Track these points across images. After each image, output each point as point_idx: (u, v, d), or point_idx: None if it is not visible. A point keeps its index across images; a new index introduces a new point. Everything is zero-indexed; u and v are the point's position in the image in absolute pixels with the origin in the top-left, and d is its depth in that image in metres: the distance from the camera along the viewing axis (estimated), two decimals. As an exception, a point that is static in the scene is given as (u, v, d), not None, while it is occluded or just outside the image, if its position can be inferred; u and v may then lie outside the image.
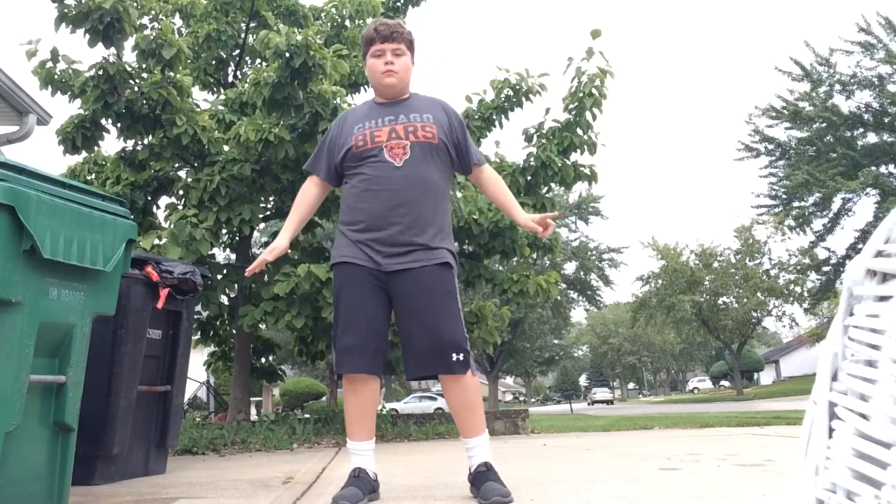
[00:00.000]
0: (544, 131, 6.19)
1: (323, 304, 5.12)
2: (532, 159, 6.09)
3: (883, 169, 22.68)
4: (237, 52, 6.81)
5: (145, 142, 5.66)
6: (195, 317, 5.89)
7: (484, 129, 6.31)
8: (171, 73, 5.17)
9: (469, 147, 2.41)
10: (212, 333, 6.92)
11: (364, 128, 2.29)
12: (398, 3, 7.34)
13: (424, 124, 2.28)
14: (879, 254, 0.94)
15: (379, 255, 2.19)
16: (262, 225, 8.59)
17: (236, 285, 5.92)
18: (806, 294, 28.39)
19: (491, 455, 2.21)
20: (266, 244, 8.14)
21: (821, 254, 25.70)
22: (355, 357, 2.16)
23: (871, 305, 0.94)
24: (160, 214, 6.32)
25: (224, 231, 6.19)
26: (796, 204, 24.02)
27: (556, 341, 40.08)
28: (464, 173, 2.45)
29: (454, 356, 2.15)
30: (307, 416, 6.79)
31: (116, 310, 2.36)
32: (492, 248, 5.90)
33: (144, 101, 5.12)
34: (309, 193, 2.45)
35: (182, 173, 6.28)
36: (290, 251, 7.06)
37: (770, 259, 31.18)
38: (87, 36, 4.75)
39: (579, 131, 6.06)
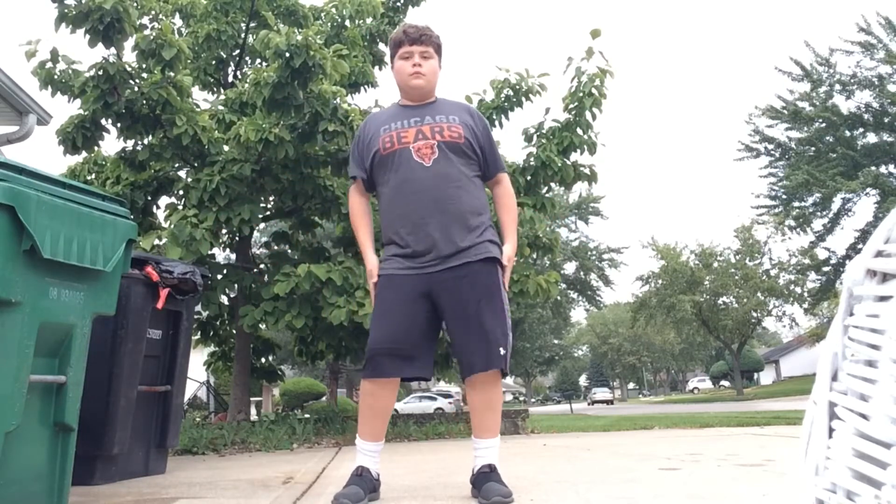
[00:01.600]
0: (544, 131, 6.19)
1: (323, 304, 5.12)
2: (532, 159, 6.09)
3: (883, 169, 22.69)
4: (237, 52, 6.82)
5: (145, 142, 5.66)
6: (195, 317, 5.90)
7: (484, 128, 6.29)
8: (171, 74, 5.17)
9: (494, 153, 2.40)
10: (212, 333, 6.92)
11: (390, 129, 2.28)
12: (398, 3, 7.34)
13: (451, 125, 2.28)
14: (879, 254, 0.94)
15: (419, 258, 2.18)
16: (261, 225, 8.60)
17: (236, 285, 5.92)
18: (806, 294, 28.40)
19: (498, 458, 2.21)
20: (266, 244, 8.15)
21: (821, 254, 25.72)
22: (382, 361, 2.15)
23: (871, 305, 0.94)
24: (160, 214, 6.33)
25: (224, 231, 6.19)
26: (796, 204, 24.04)
27: (556, 341, 40.14)
28: (485, 179, 2.43)
29: (501, 350, 2.15)
30: (307, 416, 6.79)
31: (116, 310, 2.36)
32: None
33: (144, 101, 5.12)
34: (361, 204, 2.43)
35: (182, 173, 6.28)
36: (290, 251, 7.08)
37: (770, 259, 31.21)
38: (87, 36, 4.75)
39: (579, 131, 6.06)
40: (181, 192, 5.63)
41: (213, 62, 6.85)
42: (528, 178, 6.11)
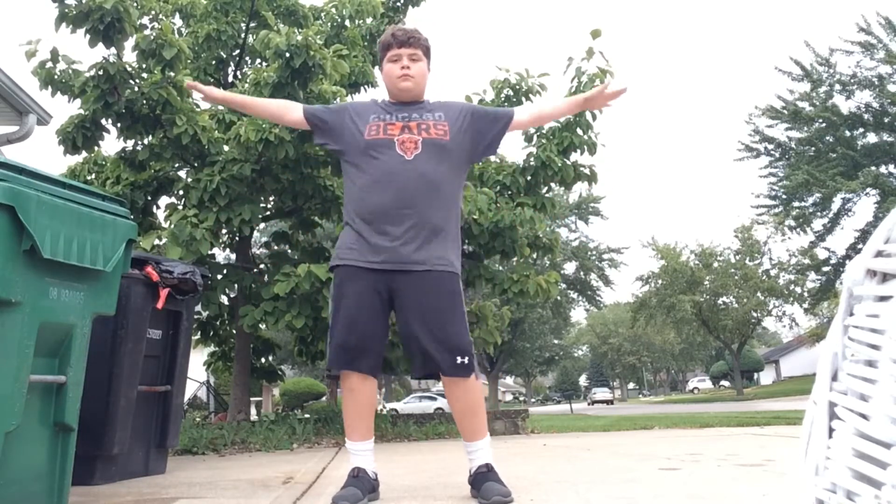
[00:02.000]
0: (544, 131, 6.19)
1: (323, 304, 5.12)
2: (532, 159, 6.10)
3: (883, 169, 22.68)
4: (237, 52, 6.81)
5: (145, 142, 5.66)
6: (195, 317, 5.89)
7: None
8: (172, 73, 5.16)
9: (497, 119, 2.40)
10: (212, 333, 6.92)
11: (379, 119, 2.30)
12: (398, 3, 7.34)
13: (437, 122, 2.29)
14: (879, 254, 0.94)
15: (383, 253, 2.17)
16: (262, 225, 8.59)
17: (236, 285, 5.92)
18: (806, 294, 28.39)
19: (492, 457, 2.21)
20: (266, 244, 8.15)
21: (821, 254, 25.71)
22: (351, 356, 2.16)
23: (871, 305, 0.94)
24: (160, 214, 6.33)
25: (224, 231, 6.19)
26: (796, 204, 24.03)
27: (556, 341, 40.07)
28: (493, 152, 2.47)
29: (458, 359, 2.14)
30: (307, 416, 6.79)
31: (116, 310, 2.36)
32: (492, 248, 5.91)
33: (144, 101, 5.12)
34: (285, 105, 2.55)
35: (182, 173, 6.28)
36: (290, 251, 7.07)
37: (770, 259, 31.21)
38: (88, 36, 4.75)
39: (579, 131, 6.06)
40: (181, 192, 5.62)
41: (213, 62, 6.85)
42: (528, 178, 6.11)
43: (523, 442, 4.95)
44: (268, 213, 6.58)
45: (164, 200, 6.27)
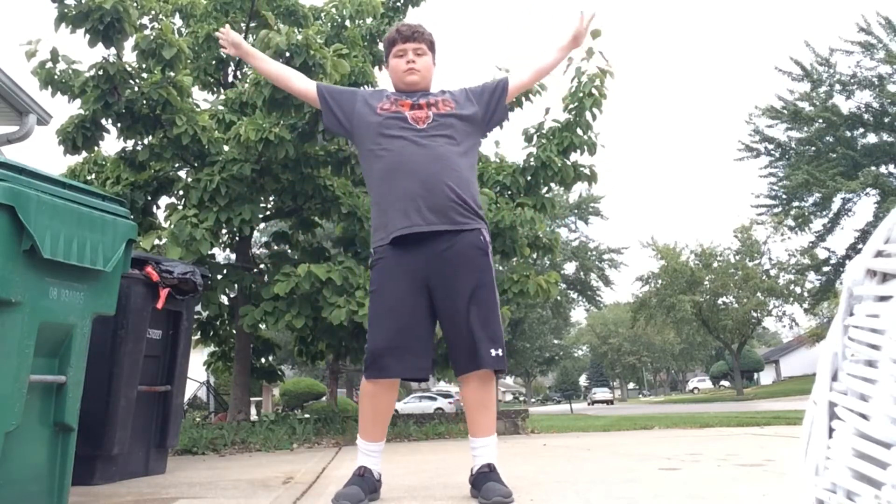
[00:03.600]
0: (544, 131, 6.19)
1: (323, 304, 5.12)
2: (532, 159, 6.10)
3: (883, 169, 22.69)
4: (237, 52, 6.80)
5: (145, 142, 5.65)
6: (195, 317, 5.89)
7: (484, 128, 6.30)
8: (171, 73, 5.16)
9: (490, 92, 2.44)
10: (212, 333, 6.92)
11: (391, 97, 2.36)
12: (398, 3, 7.34)
13: (445, 99, 2.35)
14: (879, 254, 0.94)
15: (414, 226, 2.16)
16: (262, 225, 8.59)
17: (236, 285, 5.92)
18: (806, 294, 28.40)
19: (496, 457, 2.21)
20: (266, 244, 8.15)
21: (821, 254, 25.73)
22: (387, 361, 2.13)
23: (871, 305, 0.94)
24: (160, 214, 6.33)
25: (224, 231, 6.19)
26: (796, 204, 24.05)
27: (556, 341, 40.15)
28: (501, 117, 2.48)
29: (493, 351, 2.14)
30: (307, 416, 6.79)
31: (116, 310, 2.36)
32: (492, 248, 5.90)
33: (144, 101, 5.12)
34: (294, 73, 2.60)
35: (182, 173, 6.28)
36: (290, 251, 7.07)
37: (770, 259, 31.22)
38: (87, 36, 4.75)
39: (579, 131, 6.06)
40: (181, 192, 5.62)
41: (213, 62, 6.85)
42: (528, 178, 6.11)
43: (523, 442, 4.95)
44: (268, 213, 6.58)
45: (164, 200, 6.28)
